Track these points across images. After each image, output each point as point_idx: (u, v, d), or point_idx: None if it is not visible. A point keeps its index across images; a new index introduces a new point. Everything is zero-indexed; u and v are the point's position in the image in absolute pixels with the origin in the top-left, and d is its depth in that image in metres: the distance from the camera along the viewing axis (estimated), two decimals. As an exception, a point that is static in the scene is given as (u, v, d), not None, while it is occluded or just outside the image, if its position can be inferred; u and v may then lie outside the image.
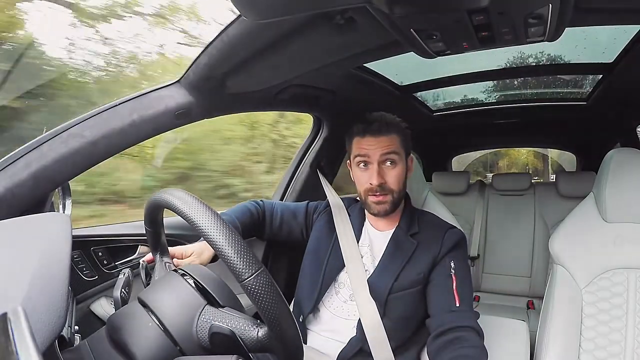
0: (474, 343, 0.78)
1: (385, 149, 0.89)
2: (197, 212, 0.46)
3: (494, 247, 2.07)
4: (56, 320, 0.38)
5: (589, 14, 0.73)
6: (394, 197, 0.91)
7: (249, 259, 0.44)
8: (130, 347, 0.47)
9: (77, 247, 0.94)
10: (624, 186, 0.93)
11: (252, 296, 0.43)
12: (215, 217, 0.45)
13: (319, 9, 0.57)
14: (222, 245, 0.44)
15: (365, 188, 0.91)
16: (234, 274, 0.43)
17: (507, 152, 10.42)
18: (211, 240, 0.44)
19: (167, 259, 0.68)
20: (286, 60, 0.86)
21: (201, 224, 0.45)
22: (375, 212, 0.92)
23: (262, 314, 0.45)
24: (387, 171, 0.90)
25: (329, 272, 0.95)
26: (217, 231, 0.44)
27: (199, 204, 0.47)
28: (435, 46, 0.75)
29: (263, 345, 0.48)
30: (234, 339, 0.48)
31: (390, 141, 0.90)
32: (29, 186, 0.70)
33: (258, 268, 0.44)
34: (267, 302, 0.44)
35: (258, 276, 0.43)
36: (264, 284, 0.43)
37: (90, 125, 0.77)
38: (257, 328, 0.49)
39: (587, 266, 0.93)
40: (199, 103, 0.91)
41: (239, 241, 0.44)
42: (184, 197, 0.48)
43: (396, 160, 0.90)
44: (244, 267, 0.43)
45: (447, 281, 0.86)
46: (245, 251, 0.44)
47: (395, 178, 0.90)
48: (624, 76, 1.20)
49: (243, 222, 0.98)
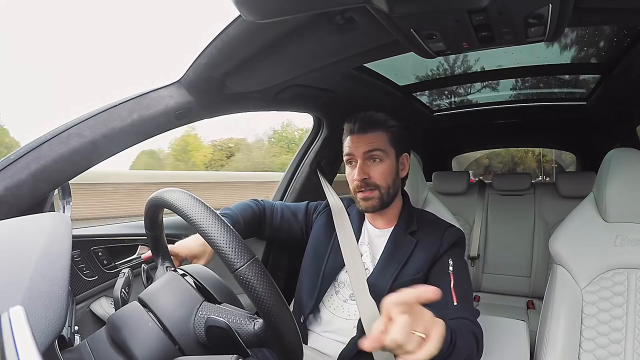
0: (468, 326, 0.76)
1: (368, 147, 0.91)
2: (190, 206, 0.46)
3: (494, 247, 2.07)
4: (56, 320, 0.38)
5: (589, 14, 0.73)
6: (381, 193, 0.91)
7: (240, 248, 0.44)
8: (130, 347, 0.47)
9: (77, 247, 0.94)
10: (624, 186, 0.93)
11: (244, 286, 0.43)
12: (207, 210, 0.46)
13: (319, 9, 0.58)
14: (214, 236, 0.44)
15: (353, 185, 0.93)
16: (226, 264, 0.43)
17: (523, 161, 10.51)
18: (203, 232, 0.44)
19: (169, 262, 0.68)
20: (286, 60, 0.86)
21: (194, 216, 0.45)
22: (363, 208, 0.93)
23: (256, 304, 0.44)
24: (371, 167, 0.91)
25: (329, 272, 0.95)
26: (209, 223, 0.45)
27: (192, 200, 0.47)
28: (435, 46, 0.75)
29: (260, 338, 0.48)
30: (231, 333, 0.48)
31: (373, 138, 0.91)
32: (29, 186, 0.70)
33: (250, 258, 0.44)
34: (260, 291, 0.43)
35: (250, 265, 0.43)
36: (256, 273, 0.43)
37: (90, 125, 0.77)
38: (253, 322, 0.49)
39: (587, 266, 0.93)
40: (199, 103, 0.91)
41: (231, 232, 0.45)
42: (178, 195, 0.48)
43: (381, 156, 0.91)
44: (235, 256, 0.43)
45: (445, 280, 0.86)
46: (236, 241, 0.44)
47: (380, 174, 0.91)
48: (624, 76, 1.20)
49: (245, 217, 0.98)
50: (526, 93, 1.69)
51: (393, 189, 0.94)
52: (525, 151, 9.89)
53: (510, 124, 1.94)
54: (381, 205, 0.92)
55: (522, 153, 10.33)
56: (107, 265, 1.00)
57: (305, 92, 1.14)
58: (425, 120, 1.84)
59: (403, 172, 0.97)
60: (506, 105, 1.75)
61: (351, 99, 1.29)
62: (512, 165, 11.13)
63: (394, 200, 0.96)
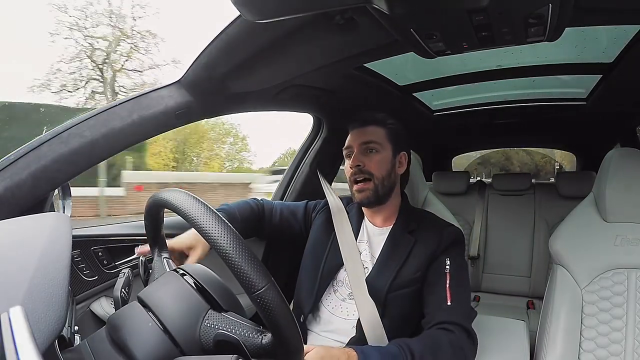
0: (453, 338, 0.78)
1: (365, 138, 0.94)
2: (208, 221, 0.46)
3: (494, 247, 2.07)
4: (56, 320, 0.38)
5: (589, 14, 0.73)
6: (376, 184, 0.92)
7: (260, 272, 0.44)
8: (130, 347, 0.47)
9: (77, 247, 0.94)
10: (624, 186, 0.93)
11: (261, 308, 0.44)
12: (226, 227, 0.45)
13: (319, 9, 0.58)
14: (235, 259, 0.44)
15: (349, 176, 0.95)
16: (245, 286, 0.44)
17: (545, 167, 10.69)
18: (223, 252, 0.44)
19: (166, 254, 0.68)
20: (286, 60, 0.86)
21: (214, 234, 0.45)
22: (358, 200, 0.94)
23: (270, 324, 0.45)
24: (367, 156, 0.93)
25: (327, 270, 0.95)
26: (229, 244, 0.44)
27: (209, 213, 0.46)
28: (435, 46, 0.75)
29: (266, 351, 0.49)
30: (238, 345, 0.49)
31: (370, 132, 0.95)
32: (29, 186, 0.70)
33: (268, 281, 0.45)
34: (276, 314, 0.45)
35: (268, 290, 0.44)
36: (274, 298, 0.45)
37: (90, 125, 0.77)
38: (261, 335, 0.49)
39: (587, 266, 0.93)
40: (199, 103, 0.91)
41: (251, 254, 0.45)
42: (193, 204, 0.47)
43: (377, 148, 0.94)
44: (256, 280, 0.44)
45: (441, 279, 0.86)
46: (256, 264, 0.45)
47: (375, 163, 0.92)
48: (624, 76, 1.20)
49: (243, 215, 0.99)
50: (526, 93, 1.69)
51: (388, 182, 0.94)
52: (543, 157, 10.18)
53: (510, 124, 1.94)
54: (376, 198, 0.93)
55: (542, 162, 10.63)
56: (107, 265, 1.00)
57: (305, 92, 1.14)
58: (425, 120, 1.83)
59: (400, 169, 0.98)
60: (506, 105, 1.75)
61: (351, 99, 1.29)
62: (535, 171, 11.46)
63: (390, 195, 0.96)
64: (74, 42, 13.06)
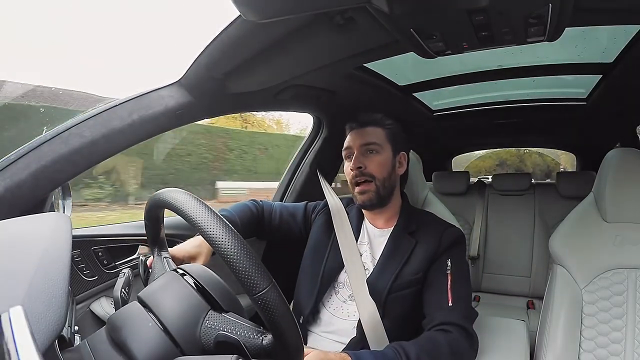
0: (452, 339, 0.78)
1: (364, 139, 0.94)
2: (210, 222, 0.46)
3: (494, 247, 2.07)
4: (56, 320, 0.38)
5: (589, 14, 0.73)
6: (377, 186, 0.92)
7: (261, 273, 0.44)
8: (130, 347, 0.47)
9: (77, 247, 0.94)
10: (624, 186, 0.93)
11: (263, 310, 0.44)
12: (227, 229, 0.46)
13: (319, 9, 0.58)
14: (237, 260, 0.44)
15: (350, 178, 0.95)
16: (246, 288, 0.44)
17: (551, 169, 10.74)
18: (225, 253, 0.44)
19: (166, 254, 0.68)
20: (286, 60, 0.86)
21: (215, 236, 0.45)
22: (360, 202, 0.94)
23: (271, 325, 0.46)
24: (368, 158, 0.93)
25: (328, 272, 0.95)
26: (231, 245, 0.45)
27: (210, 214, 0.46)
28: (435, 46, 0.75)
29: (266, 352, 0.49)
30: (239, 345, 0.49)
31: (370, 133, 0.95)
32: (29, 186, 0.70)
33: (269, 283, 0.45)
34: (278, 315, 0.45)
35: (269, 291, 0.44)
36: (275, 299, 0.45)
37: (90, 125, 0.77)
38: (262, 337, 0.49)
39: (587, 266, 0.93)
40: (199, 103, 0.90)
41: (252, 255, 0.45)
42: (195, 206, 0.48)
43: (377, 149, 0.94)
44: (258, 281, 0.44)
45: (442, 279, 0.86)
46: (257, 265, 0.45)
47: (376, 165, 0.92)
48: (624, 76, 1.20)
49: (242, 218, 0.98)
50: (526, 93, 1.69)
51: (389, 182, 0.94)
52: (553, 160, 10.34)
53: (510, 124, 1.94)
54: (378, 199, 0.93)
55: (553, 164, 10.76)
56: (107, 265, 1.00)
57: (305, 92, 1.14)
58: (425, 120, 1.83)
59: (400, 169, 0.98)
60: (506, 105, 1.75)
61: (351, 99, 1.29)
62: (547, 171, 11.62)
63: (391, 196, 0.96)
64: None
